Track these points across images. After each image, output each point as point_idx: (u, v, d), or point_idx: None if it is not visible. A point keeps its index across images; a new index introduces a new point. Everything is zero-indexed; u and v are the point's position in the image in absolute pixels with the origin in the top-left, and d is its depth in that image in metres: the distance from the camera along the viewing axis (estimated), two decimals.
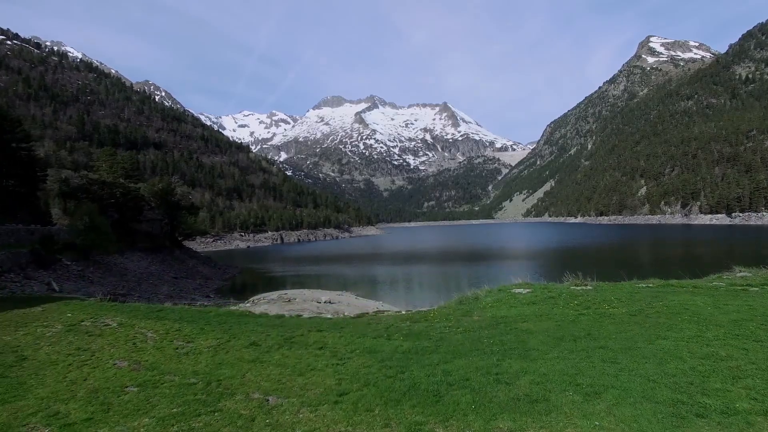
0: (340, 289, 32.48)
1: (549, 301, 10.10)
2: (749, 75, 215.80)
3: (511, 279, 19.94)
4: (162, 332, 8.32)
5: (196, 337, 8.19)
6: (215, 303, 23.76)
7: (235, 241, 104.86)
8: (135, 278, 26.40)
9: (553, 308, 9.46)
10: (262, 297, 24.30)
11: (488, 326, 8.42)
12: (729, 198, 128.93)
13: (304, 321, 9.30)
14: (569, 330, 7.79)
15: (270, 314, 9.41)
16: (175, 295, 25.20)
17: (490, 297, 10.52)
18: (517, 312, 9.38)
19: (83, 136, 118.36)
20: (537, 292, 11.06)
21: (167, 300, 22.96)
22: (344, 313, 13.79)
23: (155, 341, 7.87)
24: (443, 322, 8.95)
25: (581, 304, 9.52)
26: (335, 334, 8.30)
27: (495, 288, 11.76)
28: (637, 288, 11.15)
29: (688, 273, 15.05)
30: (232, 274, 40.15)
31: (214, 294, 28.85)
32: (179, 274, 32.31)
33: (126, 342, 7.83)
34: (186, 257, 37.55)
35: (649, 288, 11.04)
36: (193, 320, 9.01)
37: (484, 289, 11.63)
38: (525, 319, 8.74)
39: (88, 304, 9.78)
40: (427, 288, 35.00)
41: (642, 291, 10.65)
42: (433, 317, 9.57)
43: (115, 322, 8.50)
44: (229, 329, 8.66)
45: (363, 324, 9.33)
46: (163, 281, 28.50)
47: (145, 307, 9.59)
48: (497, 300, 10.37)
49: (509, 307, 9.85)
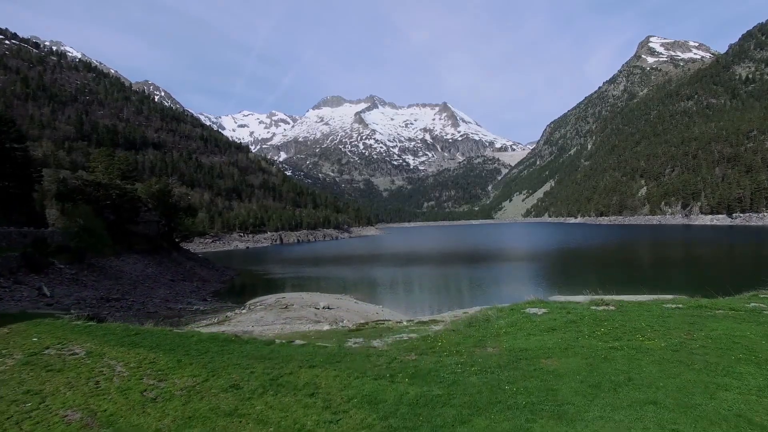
0: (339, 291, 32.03)
1: (571, 326, 8.99)
2: (749, 75, 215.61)
3: (518, 287, 19.25)
4: (133, 365, 7.31)
5: (170, 372, 7.13)
6: (212, 307, 23.30)
7: (234, 241, 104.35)
8: (130, 281, 25.90)
9: (578, 338, 8.34)
10: (259, 301, 23.85)
11: (507, 364, 7.27)
12: (730, 198, 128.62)
13: (296, 351, 8.03)
14: (604, 372, 6.67)
15: (260, 339, 8.41)
16: (171, 298, 24.70)
17: (503, 319, 9.50)
18: (538, 342, 8.23)
19: (82, 136, 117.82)
20: (554, 313, 9.99)
21: (163, 304, 22.48)
22: (343, 322, 13.34)
23: (122, 379, 6.84)
24: (454, 356, 7.74)
25: (609, 333, 8.45)
26: (330, 372, 7.19)
27: (506, 306, 10.69)
28: (666, 310, 10.01)
29: (707, 282, 14.38)
30: (230, 276, 39.65)
31: (212, 297, 28.34)
32: (176, 276, 31.82)
33: (88, 381, 6.75)
34: (183, 259, 37.05)
35: (680, 309, 10.04)
36: (172, 348, 7.98)
37: (494, 308, 10.56)
38: (548, 353, 7.62)
39: (60, 324, 8.70)
40: (427, 291, 34.53)
41: (673, 314, 9.57)
42: (442, 347, 8.39)
43: (83, 350, 7.59)
44: (209, 362, 7.54)
45: (362, 356, 7.99)
46: (160, 284, 27.99)
47: (122, 330, 8.48)
48: (512, 324, 9.29)
49: (527, 335, 8.71)
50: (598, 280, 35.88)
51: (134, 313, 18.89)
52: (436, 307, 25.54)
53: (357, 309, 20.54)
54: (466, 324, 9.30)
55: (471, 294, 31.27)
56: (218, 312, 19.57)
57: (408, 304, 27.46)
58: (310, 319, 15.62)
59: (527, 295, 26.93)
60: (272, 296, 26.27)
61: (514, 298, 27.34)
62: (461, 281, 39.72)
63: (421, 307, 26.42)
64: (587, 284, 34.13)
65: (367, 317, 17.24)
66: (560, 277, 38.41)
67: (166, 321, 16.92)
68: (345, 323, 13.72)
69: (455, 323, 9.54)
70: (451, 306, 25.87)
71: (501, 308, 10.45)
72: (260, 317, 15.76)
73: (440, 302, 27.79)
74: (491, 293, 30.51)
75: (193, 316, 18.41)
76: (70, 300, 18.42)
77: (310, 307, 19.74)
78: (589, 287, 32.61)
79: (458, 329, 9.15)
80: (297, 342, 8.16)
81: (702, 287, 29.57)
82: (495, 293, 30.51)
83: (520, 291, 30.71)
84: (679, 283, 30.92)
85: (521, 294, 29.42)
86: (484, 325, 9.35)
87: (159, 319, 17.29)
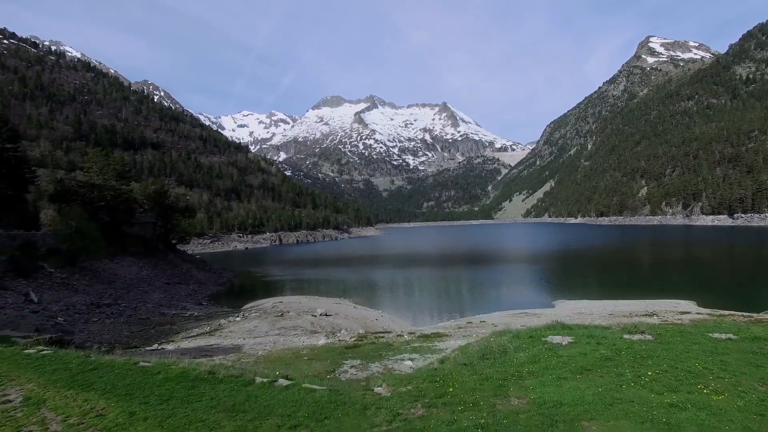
0: (338, 295, 31.35)
1: (607, 366, 7.51)
2: (750, 75, 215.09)
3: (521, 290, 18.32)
4: (74, 420, 5.75)
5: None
6: (206, 312, 22.65)
7: (233, 242, 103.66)
8: (124, 285, 25.23)
9: (621, 384, 6.76)
10: (254, 306, 23.21)
11: (538, 428, 5.69)
12: (731, 199, 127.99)
13: (277, 398, 6.62)
14: None
15: (238, 377, 7.15)
16: (166, 303, 24.04)
17: (522, 351, 8.11)
18: (573, 392, 6.59)
19: (80, 136, 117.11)
20: (581, 343, 8.49)
21: (156, 309, 21.82)
22: (341, 332, 12.67)
23: None
24: (471, 412, 6.16)
25: (659, 379, 6.91)
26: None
27: (523, 333, 9.25)
28: (718, 343, 8.54)
29: (717, 285, 13.67)
30: (227, 278, 38.96)
31: (208, 301, 27.66)
32: (172, 279, 31.14)
33: None
34: (180, 261, 36.35)
35: (733, 342, 8.70)
36: (129, 392, 6.49)
37: (508, 334, 9.18)
38: (589, 411, 5.99)
39: (9, 354, 6.90)
40: (427, 294, 33.84)
41: (729, 350, 8.09)
42: (454, 394, 6.84)
43: (20, 395, 6.18)
44: (169, 416, 6.00)
45: (356, 410, 6.40)
46: (155, 287, 27.32)
47: (78, 363, 7.12)
48: (534, 359, 7.79)
49: (556, 378, 7.11)
50: (602, 283, 35.37)
51: (125, 320, 18.24)
52: (437, 313, 24.91)
53: (356, 315, 19.89)
54: (479, 356, 8.05)
55: (472, 298, 30.64)
56: (212, 318, 18.88)
57: (408, 308, 26.85)
58: (305, 329, 14.93)
59: (533, 304, 25.98)
60: (269, 300, 25.64)
61: (517, 304, 26.72)
62: (461, 284, 39.06)
63: (421, 312, 25.80)
64: (592, 287, 33.66)
65: (366, 325, 16.58)
66: (564, 280, 37.81)
67: (157, 329, 16.28)
68: (342, 334, 13.06)
69: (466, 353, 8.31)
70: (451, 312, 25.10)
71: (518, 335, 9.14)
72: (254, 327, 15.07)
73: (441, 307, 27.18)
74: (493, 297, 29.88)
75: (186, 323, 17.74)
76: (59, 306, 17.76)
77: (307, 313, 19.07)
78: (594, 290, 32.06)
79: (470, 362, 7.90)
80: (281, 383, 6.96)
81: (712, 291, 28.95)
82: (496, 297, 29.88)
83: (523, 295, 30.06)
84: (688, 287, 30.30)
85: (524, 299, 28.72)
86: (500, 359, 7.98)
87: (150, 326, 16.66)
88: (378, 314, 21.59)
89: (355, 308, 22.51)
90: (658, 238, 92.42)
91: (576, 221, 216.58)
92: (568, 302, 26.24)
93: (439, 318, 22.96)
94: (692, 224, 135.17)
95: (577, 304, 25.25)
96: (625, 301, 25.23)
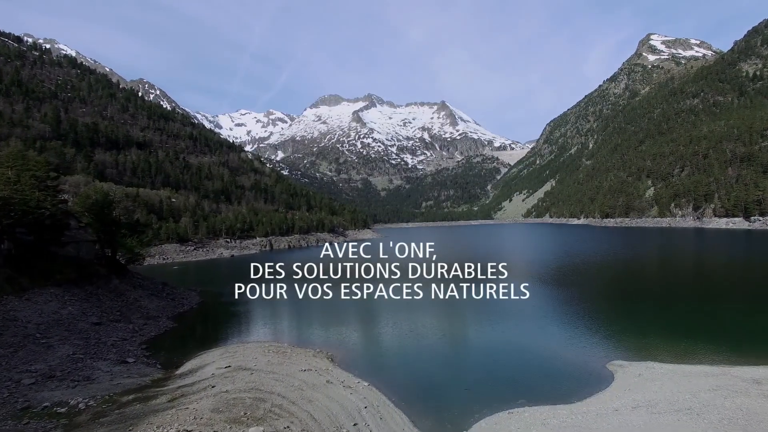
0: (318, 340, 24.67)
1: None
2: (757, 72, 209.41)
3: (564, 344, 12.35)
4: None
5: None
6: (122, 382, 16.07)
7: (219, 248, 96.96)
8: (18, 335, 18.65)
9: None
10: (193, 370, 16.64)
11: None
12: (747, 200, 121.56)
13: None
14: None
15: None
16: (72, 363, 17.35)
17: None
18: None
19: (58, 135, 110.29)
20: None
21: (46, 380, 15.22)
22: None
23: None
24: None
25: None
26: None
27: None
28: None
29: None
30: (189, 305, 32.19)
31: (142, 350, 20.99)
32: (108, 315, 24.61)
33: None
34: (127, 288, 29.64)
35: None
36: None
37: None
38: None
39: None
40: (438, 349, 27.10)
41: None
42: None
43: None
44: None
45: None
46: (73, 333, 20.78)
47: None
48: None
49: None
50: (665, 323, 25.75)
51: None
52: (456, 400, 15.99)
53: (326, 407, 13.10)
54: None
55: (503, 366, 20.76)
56: (117, 401, 12.36)
57: (411, 385, 17.66)
58: None
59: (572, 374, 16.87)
60: (217, 354, 19.06)
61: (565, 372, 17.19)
62: (469, 319, 32.37)
63: (432, 395, 16.74)
64: (650, 332, 23.97)
65: None
66: (606, 317, 29.85)
67: None
68: None
69: None
70: (479, 396, 16.25)
71: None
72: None
73: (458, 384, 17.99)
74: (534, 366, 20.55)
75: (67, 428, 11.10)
76: None
77: (251, 394, 12.26)
78: (656, 337, 22.15)
79: None
80: None
81: None
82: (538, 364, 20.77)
83: (568, 352, 21.82)
84: None
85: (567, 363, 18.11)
86: None
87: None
88: (362, 404, 13.81)
89: (328, 384, 14.94)
90: (691, 244, 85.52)
91: (579, 222, 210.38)
92: (629, 366, 17.90)
93: (462, 417, 14.44)
94: (704, 227, 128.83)
95: (645, 371, 16.92)
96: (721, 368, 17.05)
